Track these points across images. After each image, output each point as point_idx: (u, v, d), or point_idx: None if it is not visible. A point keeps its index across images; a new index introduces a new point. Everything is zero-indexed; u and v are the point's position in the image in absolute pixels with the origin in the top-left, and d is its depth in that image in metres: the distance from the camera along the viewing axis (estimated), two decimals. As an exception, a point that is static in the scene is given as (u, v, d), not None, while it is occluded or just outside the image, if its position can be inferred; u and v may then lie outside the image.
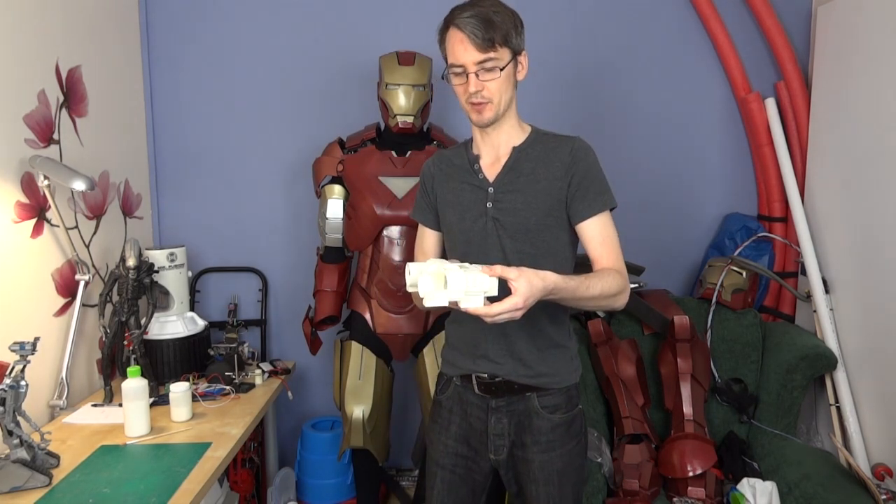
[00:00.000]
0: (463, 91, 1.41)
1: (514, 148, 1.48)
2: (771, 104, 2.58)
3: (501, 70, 1.38)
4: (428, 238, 1.60)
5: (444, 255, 1.58)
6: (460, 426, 1.54)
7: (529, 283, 1.20)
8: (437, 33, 1.44)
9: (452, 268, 1.21)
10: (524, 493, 1.52)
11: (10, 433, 1.53)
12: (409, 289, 1.27)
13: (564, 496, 1.49)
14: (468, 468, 1.54)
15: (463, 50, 1.36)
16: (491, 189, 1.46)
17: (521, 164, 1.47)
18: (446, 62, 1.43)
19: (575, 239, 1.49)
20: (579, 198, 1.44)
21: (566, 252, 1.49)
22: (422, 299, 1.21)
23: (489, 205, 1.46)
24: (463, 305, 1.19)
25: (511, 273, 1.20)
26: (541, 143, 1.49)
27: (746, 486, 2.07)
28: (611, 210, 1.48)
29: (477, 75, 1.37)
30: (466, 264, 1.26)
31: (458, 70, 1.39)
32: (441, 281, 1.20)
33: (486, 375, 1.49)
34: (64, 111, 2.07)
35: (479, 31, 1.34)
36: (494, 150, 1.50)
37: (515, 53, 1.41)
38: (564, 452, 1.49)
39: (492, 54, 1.36)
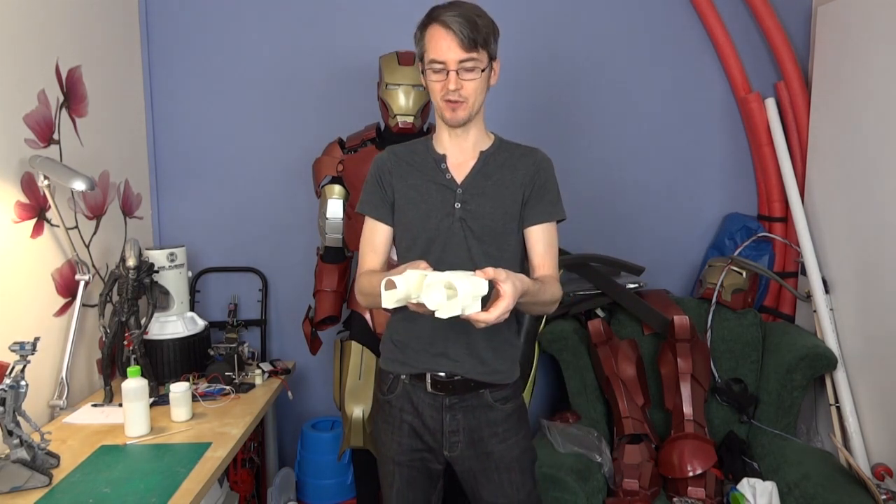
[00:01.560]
0: (440, 88, 1.42)
1: (482, 152, 1.52)
2: (771, 104, 2.58)
3: (482, 71, 1.42)
4: (380, 234, 1.55)
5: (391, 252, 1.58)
6: (413, 423, 1.53)
7: (514, 286, 1.24)
8: (417, 29, 1.45)
9: (454, 274, 1.20)
10: (483, 486, 1.53)
11: (10, 433, 1.53)
12: (394, 304, 1.24)
13: (525, 480, 1.55)
14: (423, 459, 1.55)
15: (447, 47, 1.38)
16: (460, 190, 1.48)
17: (489, 168, 1.50)
18: (421, 59, 1.46)
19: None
20: (534, 204, 1.50)
21: (521, 256, 1.54)
22: (432, 312, 1.20)
23: (457, 205, 1.48)
24: (467, 312, 1.20)
25: (501, 275, 1.23)
26: (506, 151, 1.54)
27: (746, 486, 2.07)
28: (558, 223, 1.54)
29: (458, 73, 1.39)
30: (450, 271, 1.23)
31: (439, 67, 1.40)
32: (448, 290, 1.19)
33: (443, 374, 1.49)
34: (64, 111, 2.07)
35: (465, 30, 1.37)
36: (462, 152, 1.51)
37: (491, 59, 1.45)
38: (520, 439, 1.55)
39: (474, 55, 1.39)
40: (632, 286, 2.55)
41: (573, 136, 2.74)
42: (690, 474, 2.14)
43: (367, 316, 2.33)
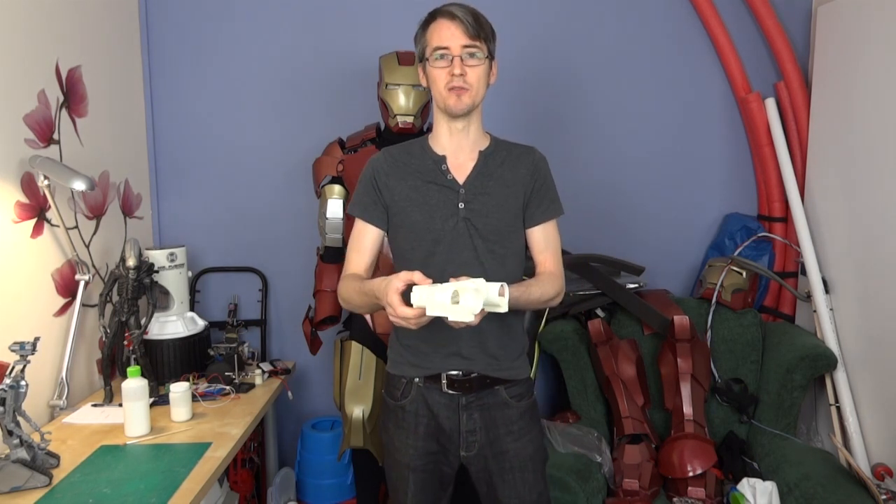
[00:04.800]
0: (444, 75, 1.44)
1: (481, 152, 1.53)
2: (771, 104, 2.58)
3: (485, 58, 1.45)
4: (368, 236, 1.55)
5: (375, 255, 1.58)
6: (428, 426, 1.54)
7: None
8: (418, 28, 1.49)
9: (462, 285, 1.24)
10: (498, 486, 1.54)
11: (10, 433, 1.53)
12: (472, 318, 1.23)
13: (538, 479, 1.56)
14: (437, 462, 1.56)
15: (451, 35, 1.42)
16: (462, 190, 1.50)
17: (490, 168, 1.52)
18: (421, 56, 1.49)
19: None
20: (535, 204, 1.53)
21: (524, 253, 1.57)
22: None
23: (461, 205, 1.49)
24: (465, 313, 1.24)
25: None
26: (504, 150, 1.56)
27: (746, 486, 2.07)
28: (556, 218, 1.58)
29: (462, 59, 1.42)
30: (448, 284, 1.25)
31: (443, 53, 1.43)
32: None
33: (458, 373, 1.50)
34: (64, 111, 2.07)
35: (469, 18, 1.42)
36: (462, 151, 1.53)
37: (491, 56, 1.48)
38: (533, 437, 1.56)
39: (477, 42, 1.43)
40: (632, 286, 2.55)
41: (573, 136, 2.74)
42: (690, 474, 2.14)
43: (368, 316, 2.33)
